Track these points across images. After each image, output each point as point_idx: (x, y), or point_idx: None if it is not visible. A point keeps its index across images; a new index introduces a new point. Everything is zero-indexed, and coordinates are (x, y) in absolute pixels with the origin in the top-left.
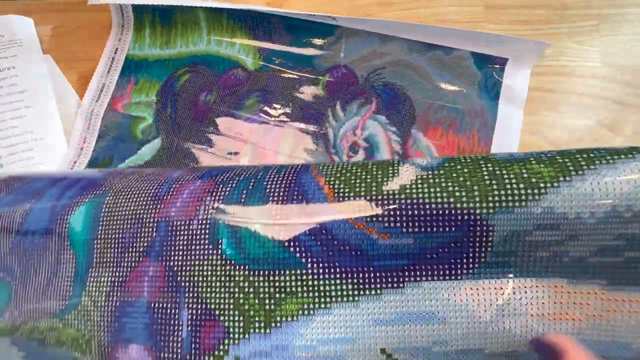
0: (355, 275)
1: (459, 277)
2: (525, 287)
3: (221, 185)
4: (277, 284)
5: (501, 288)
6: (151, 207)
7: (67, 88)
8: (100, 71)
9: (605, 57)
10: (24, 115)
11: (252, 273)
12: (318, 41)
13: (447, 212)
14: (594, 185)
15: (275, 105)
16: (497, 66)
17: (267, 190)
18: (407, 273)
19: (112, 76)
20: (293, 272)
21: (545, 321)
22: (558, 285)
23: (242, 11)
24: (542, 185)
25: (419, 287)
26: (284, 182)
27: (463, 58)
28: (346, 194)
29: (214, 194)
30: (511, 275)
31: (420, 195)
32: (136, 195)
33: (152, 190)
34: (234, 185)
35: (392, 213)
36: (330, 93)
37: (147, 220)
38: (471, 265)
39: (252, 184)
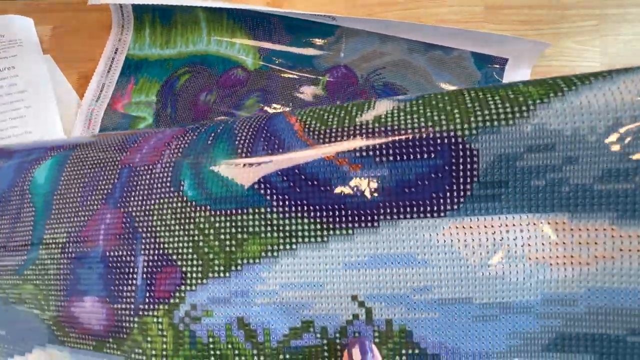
0: (324, 214)
1: (441, 214)
2: (520, 224)
3: (190, 132)
4: (239, 223)
5: (492, 226)
6: (116, 155)
7: (67, 88)
8: (100, 71)
9: (605, 57)
10: (24, 115)
11: (213, 213)
12: (318, 41)
13: (424, 136)
14: (589, 97)
15: (275, 105)
16: (497, 66)
17: (235, 131)
18: (382, 210)
19: (112, 76)
20: (256, 210)
21: (547, 266)
22: (559, 222)
23: (242, 11)
24: (530, 102)
25: (396, 226)
26: (254, 124)
27: (463, 58)
28: (316, 128)
29: (181, 138)
30: (503, 211)
31: (396, 122)
32: (103, 147)
33: (120, 142)
34: (202, 130)
35: (363, 141)
36: (330, 93)
37: (110, 168)
38: (455, 200)
39: (220, 128)
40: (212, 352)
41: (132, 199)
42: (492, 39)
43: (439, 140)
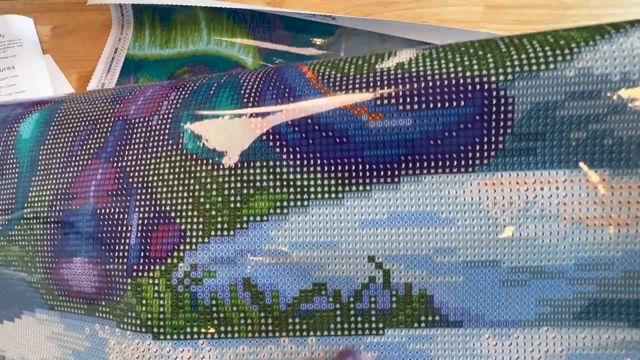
0: (339, 168)
1: (469, 170)
2: (556, 181)
3: (190, 82)
4: (245, 177)
5: (525, 183)
6: (109, 107)
7: (67, 88)
8: (100, 71)
9: None
10: None
11: (215, 167)
12: (318, 41)
13: (453, 82)
14: None
15: None
16: None
17: (241, 81)
18: (403, 165)
19: (112, 76)
20: (265, 164)
21: (583, 227)
22: (599, 179)
23: (242, 11)
24: (573, 45)
25: (419, 182)
26: (261, 74)
27: None
28: (332, 76)
29: (181, 89)
30: (538, 166)
31: (421, 69)
32: (95, 100)
33: (113, 94)
34: (204, 81)
35: (385, 88)
36: None
37: (103, 120)
38: (486, 154)
39: (224, 78)
40: (214, 315)
41: (126, 153)
42: None
43: (469, 87)
